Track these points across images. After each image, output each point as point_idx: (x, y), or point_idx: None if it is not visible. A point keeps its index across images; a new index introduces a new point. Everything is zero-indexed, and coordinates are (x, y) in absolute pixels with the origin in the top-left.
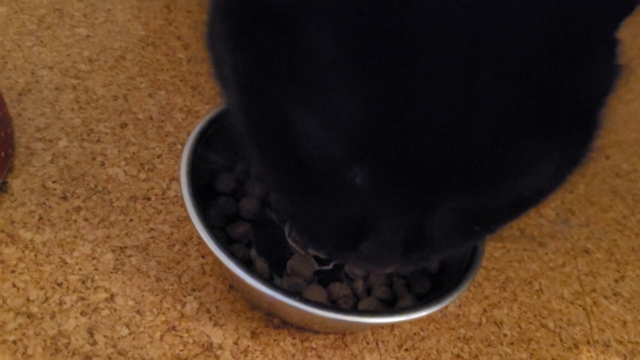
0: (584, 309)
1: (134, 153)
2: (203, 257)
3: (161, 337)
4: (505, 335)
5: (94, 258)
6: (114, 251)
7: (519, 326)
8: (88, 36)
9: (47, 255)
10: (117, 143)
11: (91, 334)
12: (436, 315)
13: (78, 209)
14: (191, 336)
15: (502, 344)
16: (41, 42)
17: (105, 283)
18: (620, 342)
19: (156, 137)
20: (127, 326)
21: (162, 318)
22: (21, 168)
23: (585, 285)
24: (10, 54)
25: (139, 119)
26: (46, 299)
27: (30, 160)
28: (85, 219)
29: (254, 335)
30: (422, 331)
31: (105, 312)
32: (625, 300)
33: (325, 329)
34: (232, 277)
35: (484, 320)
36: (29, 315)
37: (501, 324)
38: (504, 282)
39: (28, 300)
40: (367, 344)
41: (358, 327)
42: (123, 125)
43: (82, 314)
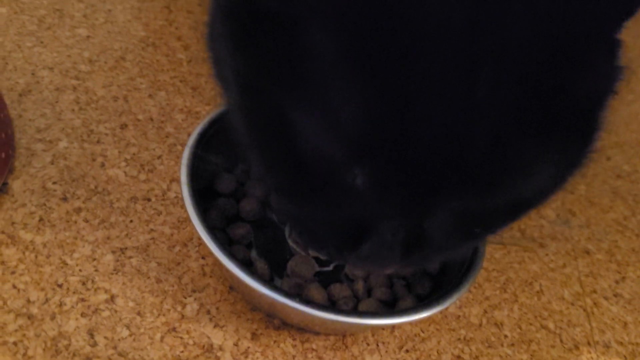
0: (585, 310)
1: (134, 154)
2: (203, 258)
3: (161, 339)
4: (505, 336)
5: (94, 259)
6: (114, 252)
7: (520, 327)
8: (88, 37)
9: (48, 257)
10: (117, 144)
11: (91, 335)
12: (437, 316)
13: (78, 210)
14: (191, 337)
15: (502, 345)
16: (41, 42)
17: (105, 284)
18: (621, 343)
19: (156, 138)
20: (128, 327)
21: (163, 319)
22: (21, 169)
23: (585, 286)
24: (11, 54)
25: (139, 120)
26: (46, 300)
27: (31, 162)
28: (86, 220)
29: (254, 336)
30: (423, 332)
31: (106, 313)
32: (625, 302)
33: (325, 330)
34: (232, 278)
35: (484, 321)
36: (30, 317)
37: (502, 325)
38: (504, 283)
39: (28, 301)
40: (368, 345)
41: (358, 328)
42: (123, 126)
43: (83, 315)
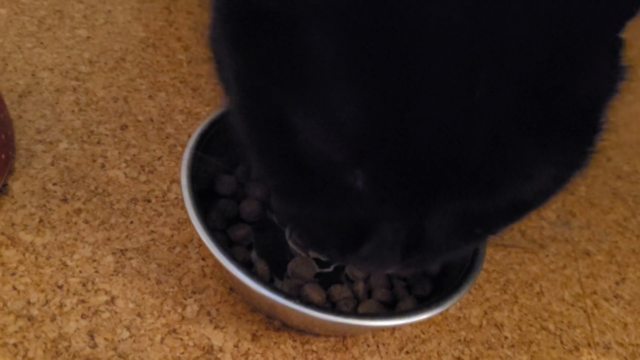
0: (585, 311)
1: (134, 155)
2: (203, 259)
3: (162, 340)
4: (505, 337)
5: (95, 260)
6: (114, 253)
7: (520, 329)
8: (88, 38)
9: (48, 258)
10: (117, 145)
11: (92, 337)
12: (437, 317)
13: (78, 211)
14: (192, 339)
15: (502, 347)
16: (41, 43)
17: (105, 286)
18: (621, 344)
19: (156, 139)
20: (128, 329)
21: (163, 321)
22: (21, 170)
23: (586, 288)
24: (11, 55)
25: (139, 121)
26: (46, 301)
27: (31, 163)
28: (86, 221)
29: (254, 337)
30: (423, 334)
31: (106, 314)
32: (626, 303)
33: (325, 332)
34: (232, 280)
35: (484, 322)
36: (30, 318)
37: (502, 326)
38: (504, 285)
39: (28, 302)
40: (368, 346)
41: (359, 329)
42: (123, 127)
43: (83, 316)
